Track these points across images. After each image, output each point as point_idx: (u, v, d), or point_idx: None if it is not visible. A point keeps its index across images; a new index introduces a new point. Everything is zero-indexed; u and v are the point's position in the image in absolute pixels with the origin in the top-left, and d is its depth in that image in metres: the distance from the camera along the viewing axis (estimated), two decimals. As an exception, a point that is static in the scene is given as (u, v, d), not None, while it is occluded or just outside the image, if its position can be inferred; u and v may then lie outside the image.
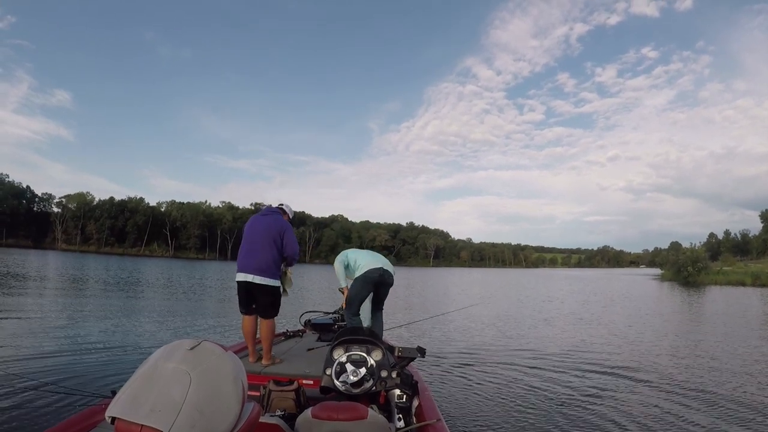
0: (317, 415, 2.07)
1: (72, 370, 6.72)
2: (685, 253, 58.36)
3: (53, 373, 6.40)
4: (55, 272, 30.20)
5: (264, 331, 4.51)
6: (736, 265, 73.76)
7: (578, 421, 5.61)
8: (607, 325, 15.05)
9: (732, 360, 9.58)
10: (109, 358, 7.70)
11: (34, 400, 5.11)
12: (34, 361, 7.12)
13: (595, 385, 7.31)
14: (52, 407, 4.84)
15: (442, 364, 8.45)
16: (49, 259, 50.63)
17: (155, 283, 27.00)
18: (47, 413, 4.71)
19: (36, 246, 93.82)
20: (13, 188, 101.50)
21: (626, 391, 7.10)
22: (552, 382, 7.46)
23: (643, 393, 6.97)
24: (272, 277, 4.50)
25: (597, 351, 10.35)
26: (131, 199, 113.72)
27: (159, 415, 0.94)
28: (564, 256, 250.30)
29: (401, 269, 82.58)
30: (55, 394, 5.05)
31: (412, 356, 3.41)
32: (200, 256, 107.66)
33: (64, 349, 8.05)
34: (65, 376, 6.29)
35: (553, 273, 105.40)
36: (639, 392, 7.02)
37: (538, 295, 30.36)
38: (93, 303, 15.28)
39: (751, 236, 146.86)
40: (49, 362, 7.08)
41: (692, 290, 38.00)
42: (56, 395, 5.01)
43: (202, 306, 16.62)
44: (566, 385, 7.24)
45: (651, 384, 7.49)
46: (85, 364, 7.19)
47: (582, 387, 7.23)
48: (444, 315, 14.42)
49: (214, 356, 1.07)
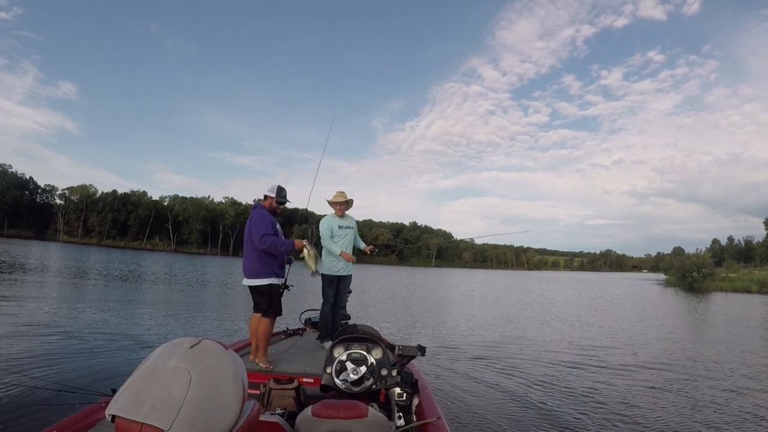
0: (317, 414, 2.07)
1: (72, 367, 6.74)
2: (691, 259, 57.83)
3: (53, 371, 6.42)
4: (56, 264, 30.21)
5: (259, 330, 4.42)
6: (740, 272, 73.16)
7: (578, 420, 5.62)
8: (609, 330, 14.90)
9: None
10: (109, 356, 7.70)
11: (34, 397, 5.13)
12: (34, 358, 7.10)
13: (595, 385, 7.31)
14: (52, 405, 4.86)
15: (442, 362, 8.48)
16: (51, 250, 50.74)
17: (156, 278, 27.02)
18: (47, 411, 4.74)
19: (38, 237, 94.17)
20: (16, 179, 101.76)
21: (627, 392, 7.04)
22: (553, 381, 7.50)
23: (646, 396, 6.87)
24: (257, 276, 4.45)
25: (599, 354, 10.25)
26: (134, 193, 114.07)
27: (159, 413, 0.94)
28: (566, 259, 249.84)
29: (403, 269, 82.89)
30: (55, 392, 5.04)
31: (413, 354, 3.41)
32: (202, 251, 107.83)
33: (64, 347, 8.02)
34: (65, 374, 6.32)
35: (555, 276, 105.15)
36: (641, 394, 6.92)
37: (540, 297, 30.20)
38: (93, 298, 15.20)
39: (754, 243, 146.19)
40: (49, 360, 7.07)
41: (699, 297, 37.60)
42: (56, 393, 5.01)
43: (203, 303, 16.50)
44: (567, 384, 7.26)
45: (655, 387, 7.37)
46: (86, 361, 7.20)
47: (582, 386, 7.24)
48: (445, 314, 14.24)
49: (214, 354, 1.08)
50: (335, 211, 5.71)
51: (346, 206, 5.75)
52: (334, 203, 5.67)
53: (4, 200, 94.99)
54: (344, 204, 5.69)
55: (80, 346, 8.21)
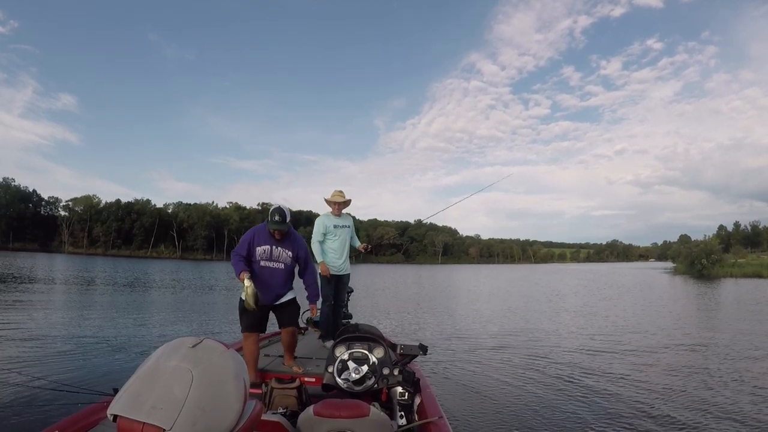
0: (319, 413, 2.07)
1: (74, 367, 6.80)
2: (699, 246, 57.34)
3: (56, 371, 6.49)
4: (62, 275, 30.35)
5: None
6: (748, 257, 72.61)
7: (580, 419, 5.58)
8: (620, 324, 14.77)
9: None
10: (111, 356, 7.73)
11: (37, 397, 5.21)
12: (37, 359, 7.16)
13: (597, 384, 7.17)
14: (54, 404, 4.92)
15: (444, 361, 8.47)
16: (57, 262, 51.04)
17: (161, 284, 27.04)
18: (49, 410, 4.79)
19: (43, 249, 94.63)
20: (20, 192, 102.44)
21: (631, 389, 6.92)
22: (554, 380, 7.41)
23: (648, 392, 6.74)
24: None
25: (608, 350, 10.06)
26: (138, 201, 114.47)
27: (161, 412, 0.94)
28: (573, 251, 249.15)
29: (410, 267, 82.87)
30: (57, 392, 5.08)
31: (414, 353, 3.44)
32: (207, 258, 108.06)
33: (66, 347, 8.07)
34: (67, 374, 6.38)
35: (562, 268, 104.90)
36: (642, 391, 6.77)
37: (548, 290, 30.07)
38: (98, 304, 15.21)
39: (761, 228, 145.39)
40: (52, 360, 7.14)
41: (710, 283, 37.28)
42: (58, 393, 5.04)
43: (207, 306, 16.49)
44: (568, 383, 7.17)
45: (660, 385, 7.19)
46: (88, 361, 7.26)
47: (587, 381, 7.21)
48: (446, 313, 14.13)
49: (215, 354, 1.08)
50: (332, 210, 5.62)
51: (344, 205, 5.67)
52: (332, 202, 5.58)
53: (8, 213, 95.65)
54: (342, 203, 5.60)
55: (82, 347, 8.23)
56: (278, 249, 4.23)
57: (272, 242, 4.22)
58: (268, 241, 4.22)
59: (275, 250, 4.23)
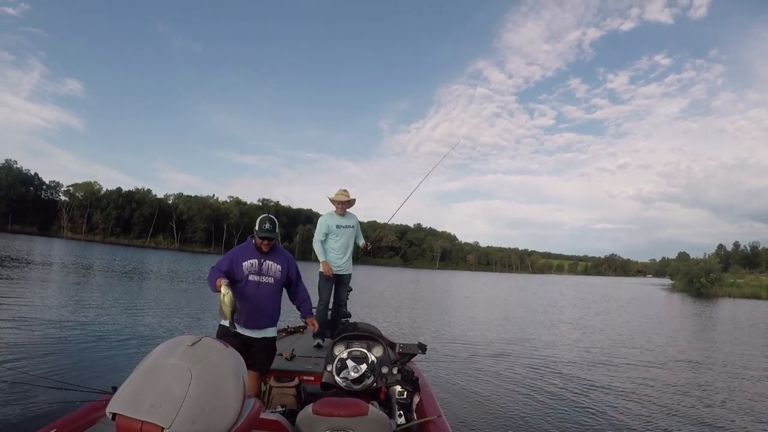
0: (318, 411, 2.07)
1: (73, 365, 6.76)
2: (698, 264, 57.27)
3: (54, 369, 6.43)
4: (60, 261, 30.28)
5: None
6: (746, 277, 72.51)
7: (578, 419, 5.67)
8: (612, 337, 14.74)
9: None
10: (109, 354, 7.70)
11: (35, 395, 5.17)
12: (35, 356, 7.10)
13: (596, 386, 7.34)
14: (52, 403, 4.90)
15: (443, 360, 8.54)
16: (55, 247, 50.95)
17: (159, 276, 27.01)
18: (48, 409, 4.78)
19: (42, 233, 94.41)
20: (21, 175, 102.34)
21: (629, 392, 7.04)
22: (552, 380, 7.56)
23: (640, 405, 6.72)
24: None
25: (605, 356, 10.16)
26: (138, 191, 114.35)
27: (160, 411, 0.95)
28: (571, 263, 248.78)
29: (408, 270, 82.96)
30: (55, 390, 5.02)
31: (413, 353, 3.43)
32: (205, 250, 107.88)
33: (65, 345, 8.02)
34: (66, 372, 6.34)
35: (560, 280, 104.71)
36: (634, 404, 6.75)
37: (544, 302, 29.97)
38: (96, 296, 15.13)
39: (760, 249, 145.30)
40: (50, 358, 7.08)
41: (709, 302, 37.14)
42: (57, 391, 4.99)
43: (205, 301, 16.34)
44: (566, 384, 7.30)
45: (651, 399, 7.15)
46: (86, 359, 7.21)
47: (582, 387, 7.29)
48: (447, 314, 14.13)
49: (215, 352, 1.09)
50: (336, 209, 5.57)
51: (348, 205, 5.64)
52: (336, 201, 5.55)
53: (9, 196, 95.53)
54: (346, 203, 5.57)
55: (81, 344, 8.18)
56: (267, 262, 3.81)
57: (259, 256, 3.81)
58: (254, 255, 3.80)
59: (264, 264, 3.80)
